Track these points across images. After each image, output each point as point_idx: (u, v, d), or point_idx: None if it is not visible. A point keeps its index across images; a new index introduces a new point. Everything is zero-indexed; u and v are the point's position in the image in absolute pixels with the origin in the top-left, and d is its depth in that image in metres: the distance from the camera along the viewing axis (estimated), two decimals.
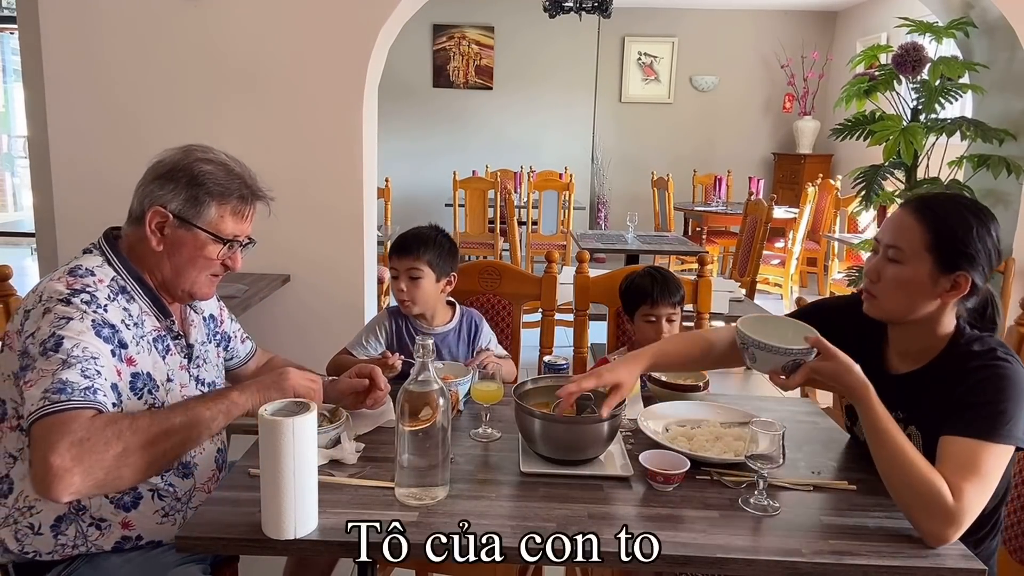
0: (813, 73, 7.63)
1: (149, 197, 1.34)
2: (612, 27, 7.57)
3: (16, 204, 8.75)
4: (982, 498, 1.18)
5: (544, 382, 1.54)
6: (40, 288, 1.27)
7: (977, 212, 1.32)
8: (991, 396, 1.24)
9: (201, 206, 1.34)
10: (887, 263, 1.34)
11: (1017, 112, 3.16)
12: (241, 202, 1.38)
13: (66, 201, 2.91)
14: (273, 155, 2.85)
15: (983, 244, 1.29)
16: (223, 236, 1.36)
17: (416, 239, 1.91)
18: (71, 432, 1.10)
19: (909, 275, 1.31)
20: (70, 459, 1.09)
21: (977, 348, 1.32)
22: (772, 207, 4.23)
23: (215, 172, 1.35)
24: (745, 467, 1.31)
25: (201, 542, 1.14)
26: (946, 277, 1.30)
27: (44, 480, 1.09)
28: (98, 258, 1.36)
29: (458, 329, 1.99)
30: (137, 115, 2.86)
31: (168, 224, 1.34)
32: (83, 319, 1.23)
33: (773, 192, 7.61)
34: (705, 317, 2.24)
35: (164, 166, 1.36)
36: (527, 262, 5.64)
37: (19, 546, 1.28)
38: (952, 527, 1.15)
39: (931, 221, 1.30)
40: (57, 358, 1.17)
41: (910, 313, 1.34)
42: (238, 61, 2.83)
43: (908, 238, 1.31)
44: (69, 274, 1.29)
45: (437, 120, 7.74)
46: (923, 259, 1.30)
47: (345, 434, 1.42)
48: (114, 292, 1.32)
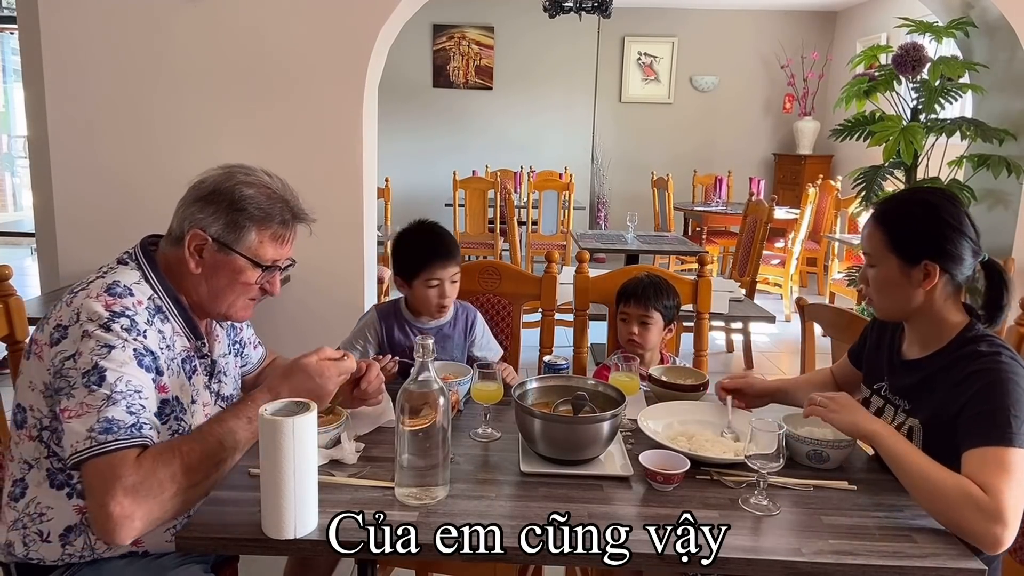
0: (813, 73, 7.63)
1: (189, 220, 1.33)
2: (612, 27, 7.57)
3: (16, 204, 8.75)
4: (1019, 494, 1.19)
5: (544, 382, 1.54)
6: (76, 304, 1.24)
7: (927, 204, 1.41)
8: (999, 402, 1.27)
9: (241, 231, 1.32)
10: (868, 269, 1.46)
11: (1017, 112, 3.16)
12: (282, 227, 1.36)
13: (66, 201, 2.91)
14: (273, 155, 2.85)
15: (938, 231, 1.37)
16: (262, 262, 1.35)
17: (450, 243, 1.91)
18: (123, 477, 1.11)
19: (884, 275, 1.42)
20: (128, 505, 1.10)
21: (984, 348, 1.34)
22: (773, 208, 4.23)
23: (256, 196, 1.33)
24: (745, 467, 1.31)
25: (201, 542, 1.14)
26: (915, 268, 1.38)
27: (106, 528, 1.10)
28: (135, 272, 1.33)
29: (454, 321, 1.99)
30: (137, 115, 2.86)
31: (207, 247, 1.32)
32: (125, 348, 1.21)
33: (774, 193, 7.61)
34: (705, 317, 2.23)
35: (205, 188, 1.34)
36: (527, 262, 5.64)
37: (25, 550, 1.28)
38: (998, 524, 1.16)
39: (885, 223, 1.42)
40: (101, 393, 1.16)
41: (905, 307, 1.42)
42: (238, 61, 2.83)
43: (874, 243, 1.43)
44: (107, 292, 1.26)
45: (437, 120, 7.74)
46: (889, 259, 1.41)
47: (345, 434, 1.42)
48: (151, 313, 1.29)
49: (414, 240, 1.94)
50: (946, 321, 1.41)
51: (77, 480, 1.27)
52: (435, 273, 1.87)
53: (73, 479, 1.27)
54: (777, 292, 5.69)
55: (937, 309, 1.41)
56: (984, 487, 1.18)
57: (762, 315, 3.40)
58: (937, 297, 1.39)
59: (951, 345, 1.40)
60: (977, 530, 1.17)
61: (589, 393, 1.49)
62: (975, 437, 1.26)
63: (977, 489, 1.18)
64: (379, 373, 1.50)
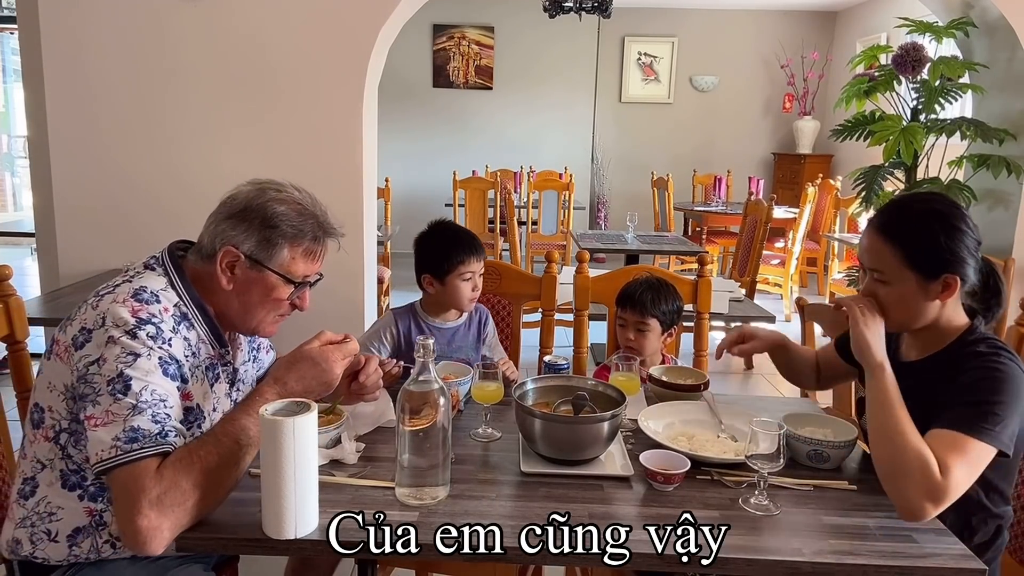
0: (813, 73, 7.63)
1: (221, 237, 1.33)
2: (612, 27, 7.57)
3: (16, 204, 8.75)
4: (967, 481, 1.21)
5: (544, 382, 1.54)
6: (103, 308, 1.23)
7: (939, 216, 1.35)
8: (986, 396, 1.26)
9: (274, 248, 1.32)
10: (877, 284, 1.39)
11: (1017, 112, 3.16)
12: (314, 243, 1.37)
13: (66, 201, 2.91)
14: (273, 155, 2.85)
15: (955, 242, 1.33)
16: (294, 278, 1.35)
17: (474, 239, 1.97)
18: (147, 490, 1.11)
19: (900, 293, 1.36)
20: (155, 518, 1.10)
21: (984, 349, 1.34)
22: (772, 207, 4.23)
23: (288, 213, 1.33)
24: (745, 467, 1.31)
25: (202, 542, 1.14)
26: (934, 283, 1.34)
27: (136, 541, 1.11)
28: (162, 279, 1.33)
29: (468, 323, 2.04)
30: (137, 115, 2.86)
31: (239, 264, 1.33)
32: (150, 356, 1.21)
33: (773, 192, 7.61)
34: (705, 317, 2.23)
35: (237, 204, 1.34)
36: (527, 262, 5.63)
37: (32, 549, 1.28)
38: (934, 502, 1.18)
39: (899, 240, 1.35)
40: (127, 402, 1.16)
41: (919, 320, 1.38)
42: (238, 61, 2.83)
43: (886, 261, 1.36)
44: (134, 298, 1.25)
45: (437, 120, 7.74)
46: (906, 276, 1.35)
47: (345, 434, 1.42)
48: (176, 321, 1.29)
49: (444, 237, 2.00)
50: (950, 325, 1.40)
51: (91, 483, 1.27)
52: (470, 266, 1.94)
53: (87, 481, 1.27)
54: (777, 292, 5.70)
55: (945, 315, 1.39)
56: (940, 464, 1.19)
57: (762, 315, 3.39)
58: (949, 304, 1.37)
59: (951, 347, 1.39)
60: (912, 499, 1.19)
61: (589, 393, 1.48)
62: (949, 420, 1.26)
63: (936, 466, 1.19)
64: (378, 368, 1.50)
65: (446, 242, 1.98)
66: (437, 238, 2.00)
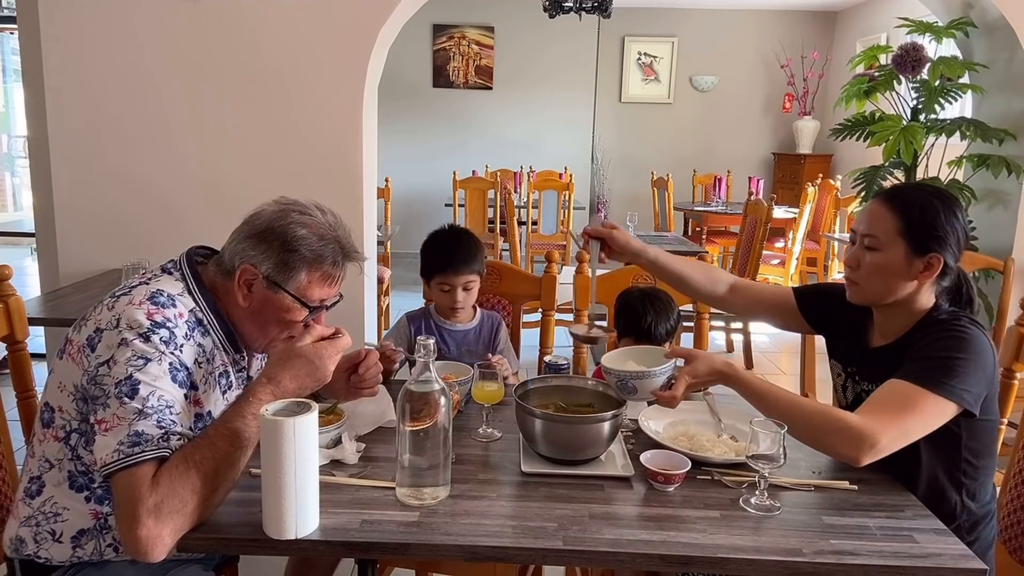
0: (813, 73, 7.63)
1: (241, 255, 1.33)
2: (612, 27, 7.57)
3: (16, 204, 8.75)
4: (899, 430, 1.26)
5: (544, 382, 1.54)
6: (119, 310, 1.24)
7: (943, 197, 1.41)
8: (944, 352, 1.32)
9: (292, 271, 1.32)
10: (865, 251, 1.43)
11: (1017, 112, 3.16)
12: (333, 267, 1.36)
13: (66, 201, 2.91)
14: (273, 155, 2.85)
15: (951, 226, 1.38)
16: (309, 302, 1.35)
17: (465, 253, 1.94)
18: (144, 499, 1.11)
19: (886, 260, 1.40)
20: (154, 526, 1.10)
21: (945, 317, 1.40)
22: (772, 207, 4.23)
23: (308, 237, 1.33)
24: (746, 467, 1.31)
25: (202, 542, 1.14)
26: (920, 259, 1.39)
27: (137, 550, 1.11)
28: (179, 284, 1.33)
29: (479, 328, 2.04)
30: (137, 115, 2.86)
31: (257, 283, 1.33)
32: (161, 361, 1.21)
33: (773, 192, 7.61)
34: (705, 317, 2.24)
35: (260, 224, 1.34)
36: (527, 262, 5.63)
37: (35, 548, 1.28)
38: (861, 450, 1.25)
39: (901, 208, 1.40)
40: (133, 407, 1.16)
41: (890, 295, 1.43)
42: (238, 62, 2.83)
43: (882, 226, 1.41)
44: (150, 301, 1.26)
45: (437, 120, 7.74)
46: (897, 244, 1.39)
47: (346, 434, 1.42)
48: (191, 327, 1.30)
49: (435, 244, 2.00)
50: (916, 309, 1.44)
51: (98, 485, 1.28)
52: (447, 279, 1.94)
53: (94, 483, 1.28)
54: None
55: (914, 299, 1.42)
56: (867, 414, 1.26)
57: None
58: (923, 290, 1.42)
59: (915, 328, 1.43)
60: (841, 452, 1.29)
61: (590, 393, 1.48)
62: (905, 372, 1.31)
63: (842, 414, 1.27)
64: (377, 362, 1.50)
65: (432, 250, 1.99)
66: (429, 243, 2.01)
